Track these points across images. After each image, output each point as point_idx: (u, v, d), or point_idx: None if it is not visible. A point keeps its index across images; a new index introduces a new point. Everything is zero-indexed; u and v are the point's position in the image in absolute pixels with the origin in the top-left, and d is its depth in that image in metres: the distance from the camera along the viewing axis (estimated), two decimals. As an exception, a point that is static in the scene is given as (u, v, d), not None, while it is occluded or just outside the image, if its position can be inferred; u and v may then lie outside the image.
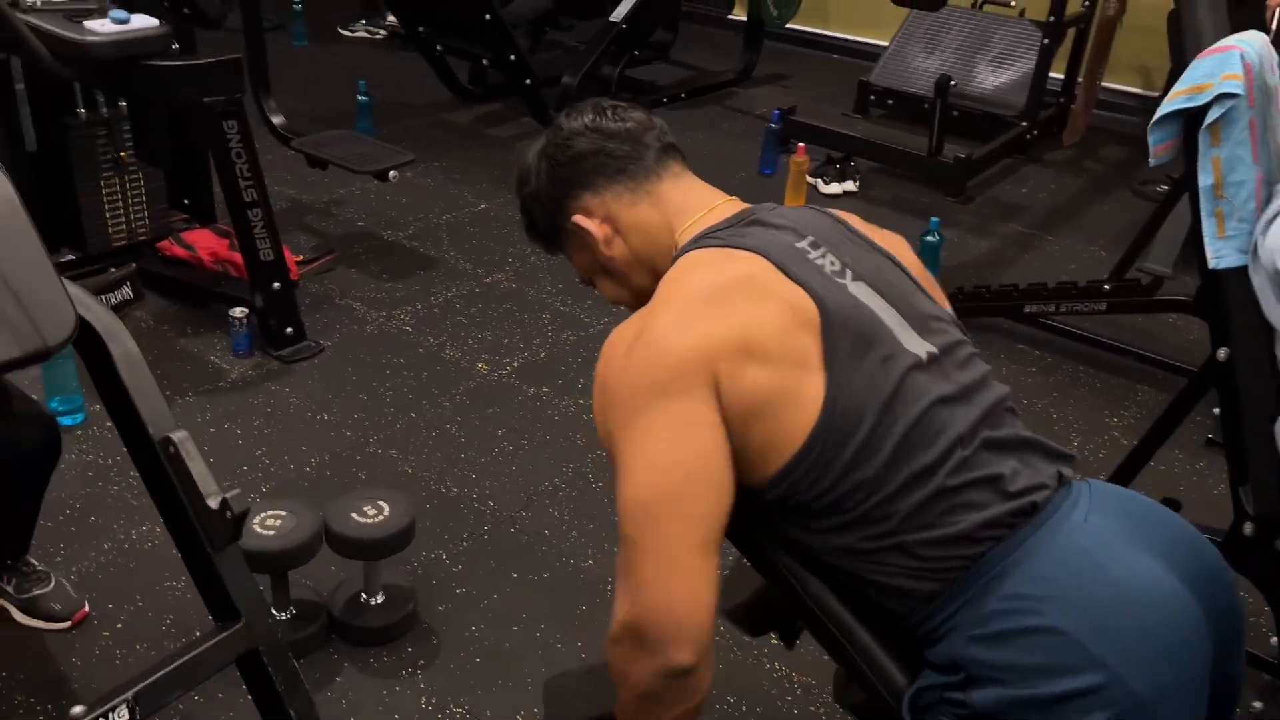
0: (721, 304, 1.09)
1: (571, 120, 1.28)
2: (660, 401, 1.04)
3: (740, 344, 1.06)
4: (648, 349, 1.06)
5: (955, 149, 4.67)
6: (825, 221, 1.26)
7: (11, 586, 1.98)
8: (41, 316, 1.54)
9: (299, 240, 3.56)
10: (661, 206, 1.26)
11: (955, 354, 1.19)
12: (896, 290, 1.20)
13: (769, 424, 1.07)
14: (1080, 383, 3.11)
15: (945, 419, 1.12)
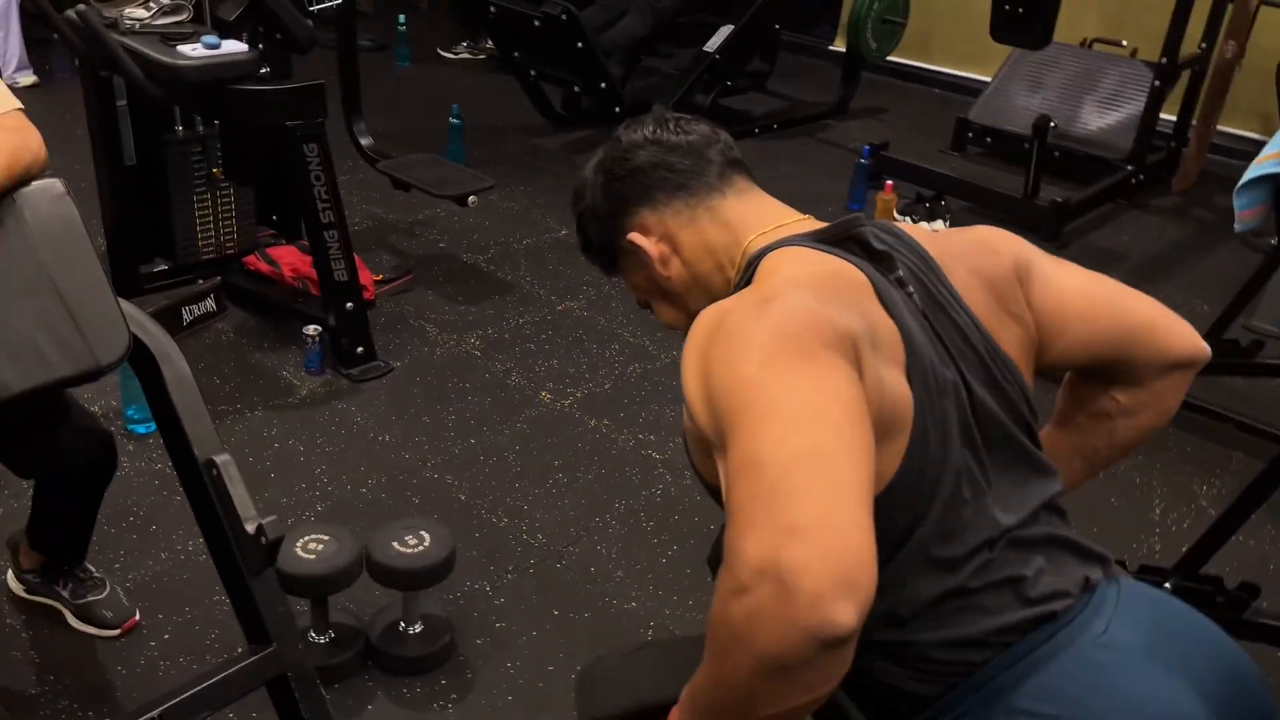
0: (847, 296, 0.98)
1: (631, 132, 1.19)
2: (815, 351, 0.89)
3: (871, 340, 0.95)
4: (792, 311, 0.92)
5: (1054, 191, 4.52)
6: (906, 241, 1.14)
7: (67, 591, 2.04)
8: (96, 336, 1.59)
9: (380, 259, 3.62)
10: (725, 223, 1.16)
11: (1020, 438, 1.10)
12: (974, 363, 1.08)
13: (882, 440, 0.93)
14: (1168, 446, 2.95)
15: (985, 513, 1.04)
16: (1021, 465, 1.10)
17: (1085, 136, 4.73)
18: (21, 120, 1.52)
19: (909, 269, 1.10)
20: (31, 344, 1.51)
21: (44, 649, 2.02)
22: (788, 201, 1.22)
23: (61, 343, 1.55)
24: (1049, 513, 1.11)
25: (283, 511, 2.42)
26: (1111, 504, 2.71)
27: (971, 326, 1.10)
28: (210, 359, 2.98)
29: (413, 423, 2.79)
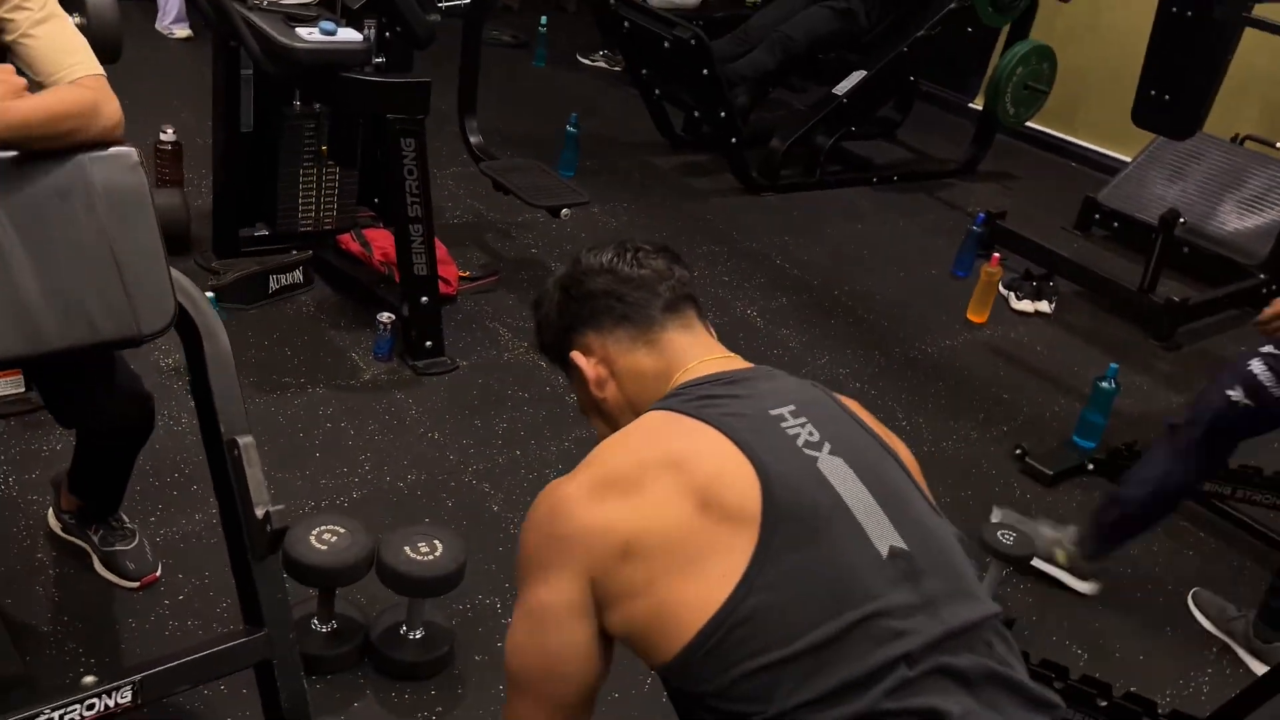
0: (631, 489, 1.07)
1: (592, 256, 1.29)
2: (540, 575, 1.08)
3: (626, 539, 1.04)
4: (549, 511, 1.10)
5: (1175, 289, 4.31)
6: (819, 396, 1.21)
7: (98, 537, 2.11)
8: (144, 305, 1.63)
9: (471, 256, 3.67)
10: (660, 355, 1.24)
11: (933, 558, 1.07)
12: (879, 474, 1.12)
13: (647, 615, 1.03)
14: (1242, 579, 2.78)
15: (894, 628, 1.00)
16: (950, 577, 1.08)
17: (1219, 236, 4.49)
18: (100, 84, 1.57)
19: (803, 400, 1.17)
20: (80, 304, 1.57)
21: (66, 588, 2.09)
22: (894, 258, 1.38)
23: (109, 307, 1.60)
24: (991, 643, 1.06)
25: (318, 493, 2.46)
26: (1167, 633, 2.56)
27: (876, 445, 1.18)
28: (286, 329, 3.06)
29: (464, 424, 2.81)
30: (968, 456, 3.09)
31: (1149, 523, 2.56)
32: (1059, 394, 3.54)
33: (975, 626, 1.05)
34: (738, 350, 1.32)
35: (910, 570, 1.05)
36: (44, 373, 1.86)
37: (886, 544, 1.05)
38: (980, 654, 1.04)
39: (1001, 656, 1.06)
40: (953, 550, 1.12)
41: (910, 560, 1.06)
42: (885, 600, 1.02)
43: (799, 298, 3.87)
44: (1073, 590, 2.62)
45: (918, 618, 1.02)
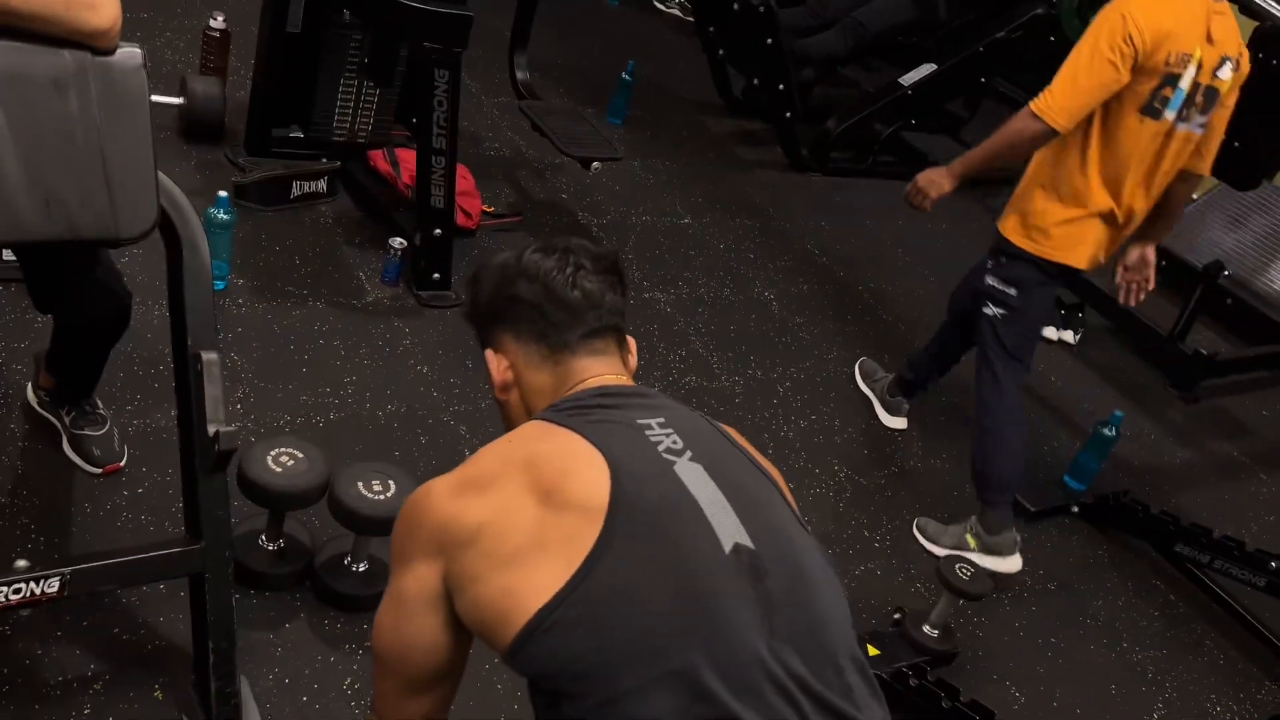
0: (487, 486, 1.11)
1: (532, 260, 1.28)
2: (402, 563, 1.14)
3: (473, 529, 1.08)
4: (414, 505, 1.16)
5: (1209, 340, 4.22)
6: (695, 418, 1.24)
7: (69, 419, 2.15)
8: (125, 209, 1.64)
9: (500, 192, 3.65)
10: (563, 376, 1.26)
11: (779, 559, 1.10)
12: (737, 480, 1.15)
13: (490, 599, 1.07)
14: (1201, 651, 2.74)
15: (724, 623, 1.02)
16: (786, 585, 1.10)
17: (1266, 293, 4.37)
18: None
19: (677, 417, 1.20)
20: (62, 199, 1.57)
21: (30, 462, 2.14)
22: (929, 263, 1.37)
23: (91, 206, 1.60)
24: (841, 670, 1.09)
25: (296, 409, 2.48)
26: (1110, 690, 2.54)
27: (743, 458, 1.22)
28: (300, 237, 3.07)
29: (454, 363, 2.82)
30: (953, 478, 3.06)
31: (1011, 447, 2.65)
32: (1062, 429, 3.48)
33: (812, 640, 1.07)
34: (743, 335, 1.35)
35: (753, 567, 1.08)
36: (26, 256, 1.88)
37: (731, 540, 1.08)
38: (817, 671, 1.06)
39: (843, 682, 1.07)
40: (808, 562, 1.13)
41: (754, 558, 1.08)
42: (722, 593, 1.04)
43: (821, 287, 3.82)
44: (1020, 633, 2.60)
45: (751, 613, 1.05)
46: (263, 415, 2.43)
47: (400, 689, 1.17)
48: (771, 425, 3.02)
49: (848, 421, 3.15)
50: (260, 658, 1.94)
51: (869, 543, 2.72)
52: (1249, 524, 3.29)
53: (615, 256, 1.33)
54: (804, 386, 3.24)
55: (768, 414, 3.06)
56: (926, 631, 2.38)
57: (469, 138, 3.91)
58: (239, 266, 2.84)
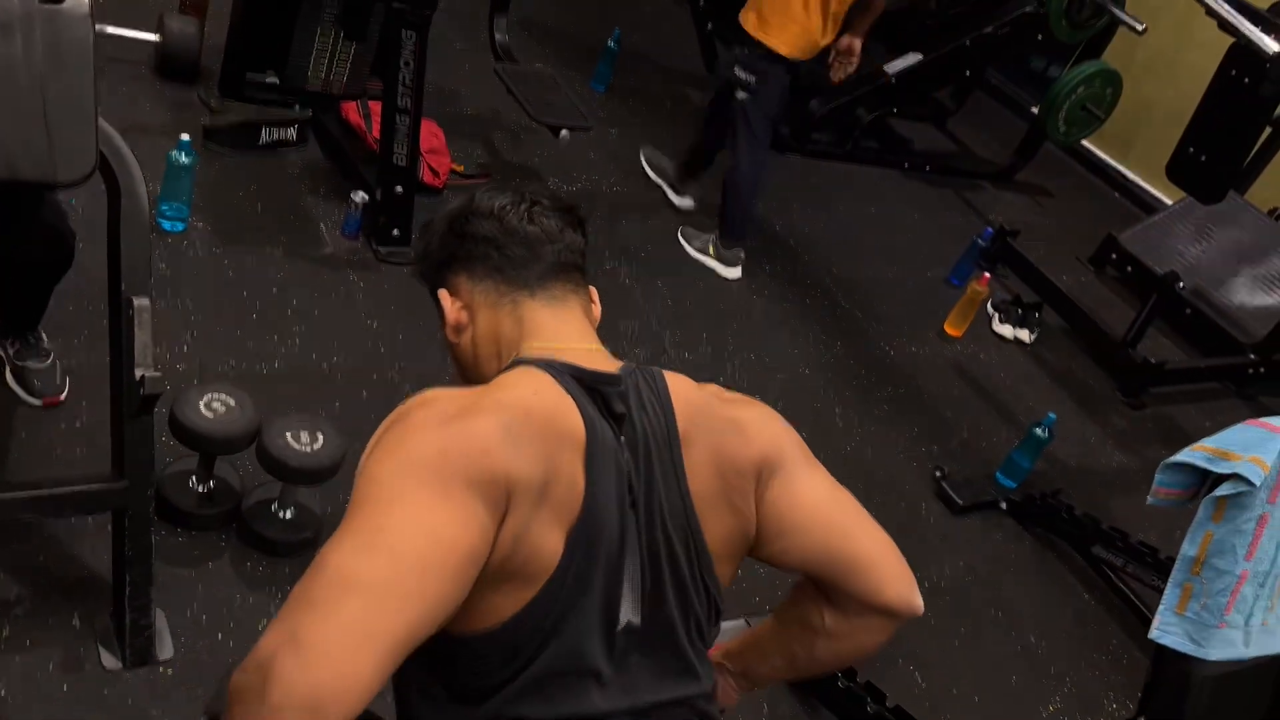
0: (542, 443, 1.01)
1: (486, 198, 1.22)
2: (461, 486, 0.94)
3: (540, 493, 0.99)
4: (473, 435, 0.98)
5: (1163, 347, 4.28)
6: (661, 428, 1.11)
7: (13, 350, 2.20)
8: (64, 154, 1.69)
9: (471, 151, 3.68)
10: (519, 321, 1.17)
11: (659, 639, 1.11)
12: (661, 543, 1.09)
13: (495, 589, 0.99)
14: (1106, 650, 2.84)
15: (580, 693, 1.05)
16: (669, 659, 1.11)
17: (1223, 306, 4.43)
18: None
19: (643, 439, 1.10)
20: (3, 141, 1.62)
21: (-28, 391, 2.20)
22: (896, 250, 1.26)
23: (30, 149, 1.65)
24: (680, 714, 1.11)
25: (241, 354, 2.54)
26: (1010, 681, 2.63)
27: (680, 511, 1.10)
28: (264, 184, 3.11)
29: (405, 320, 2.87)
30: (886, 467, 3.13)
31: (747, 206, 3.63)
32: (1003, 425, 3.55)
33: (666, 705, 1.11)
34: (699, 312, 1.28)
35: (628, 646, 1.08)
36: (-31, 192, 1.93)
37: (625, 618, 1.07)
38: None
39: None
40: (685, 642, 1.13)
41: (634, 637, 1.08)
42: (594, 665, 1.05)
43: (783, 269, 3.87)
44: (931, 621, 2.69)
45: (610, 690, 1.07)
46: (207, 359, 2.49)
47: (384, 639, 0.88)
48: (714, 403, 3.08)
49: (790, 405, 3.20)
50: (181, 594, 2.01)
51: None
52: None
53: (574, 205, 1.25)
54: (751, 368, 3.30)
55: (712, 391, 3.12)
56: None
57: (446, 95, 3.94)
58: (200, 209, 2.88)
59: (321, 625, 0.86)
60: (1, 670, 1.77)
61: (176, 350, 2.47)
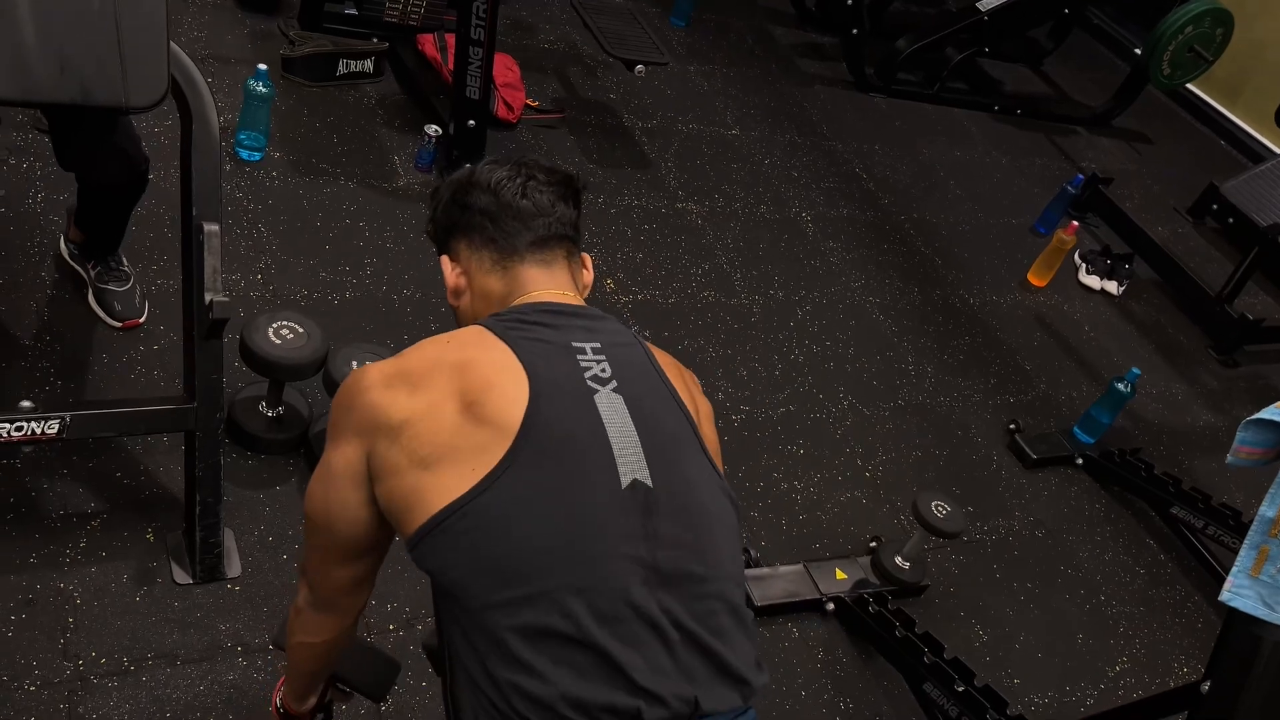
0: (417, 383, 1.15)
1: (486, 172, 1.31)
2: (336, 438, 1.19)
3: (397, 424, 1.14)
4: (353, 385, 1.19)
5: (1262, 304, 4.10)
6: (630, 343, 1.25)
7: (94, 273, 2.26)
8: (136, 79, 1.71)
9: (547, 86, 3.65)
10: (510, 282, 1.28)
11: (675, 502, 1.13)
12: (655, 418, 1.18)
13: (400, 494, 1.13)
14: (1180, 613, 2.76)
15: (604, 552, 1.07)
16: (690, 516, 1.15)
17: (1331, 262, 4.20)
18: None
19: (613, 344, 1.22)
20: (75, 65, 1.64)
21: (56, 310, 2.27)
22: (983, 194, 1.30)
23: (103, 73, 1.68)
24: (711, 602, 1.12)
25: (313, 284, 2.57)
26: (1076, 640, 2.58)
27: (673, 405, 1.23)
28: (340, 116, 3.12)
29: (476, 254, 2.87)
30: (959, 417, 3.07)
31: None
32: (1084, 380, 3.45)
33: (693, 579, 1.11)
34: (771, 254, 1.33)
35: (645, 504, 1.11)
36: (49, 114, 1.97)
37: (631, 476, 1.12)
38: (689, 607, 1.10)
39: (713, 622, 1.11)
40: (706, 505, 1.17)
41: (649, 495, 1.12)
42: (607, 525, 1.09)
43: (861, 213, 3.78)
44: (997, 575, 2.64)
45: (634, 547, 1.09)
46: (280, 287, 2.53)
47: (326, 555, 1.23)
48: (783, 348, 3.04)
49: (861, 351, 3.15)
50: (250, 515, 2.07)
51: (860, 471, 2.76)
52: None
53: (572, 175, 1.35)
54: (824, 312, 3.24)
55: (781, 335, 3.08)
56: (898, 562, 2.43)
57: (524, 28, 3.91)
58: (277, 140, 2.91)
59: (305, 554, 1.28)
60: (77, 578, 1.85)
61: (251, 278, 2.52)
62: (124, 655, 1.78)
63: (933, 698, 2.12)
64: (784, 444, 2.73)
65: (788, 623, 2.31)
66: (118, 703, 1.72)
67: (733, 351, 2.94)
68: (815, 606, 2.34)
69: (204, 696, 1.77)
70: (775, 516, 2.53)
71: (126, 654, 1.78)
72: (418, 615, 2.01)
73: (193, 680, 1.79)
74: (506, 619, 1.06)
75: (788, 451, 2.72)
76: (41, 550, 1.86)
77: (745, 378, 2.88)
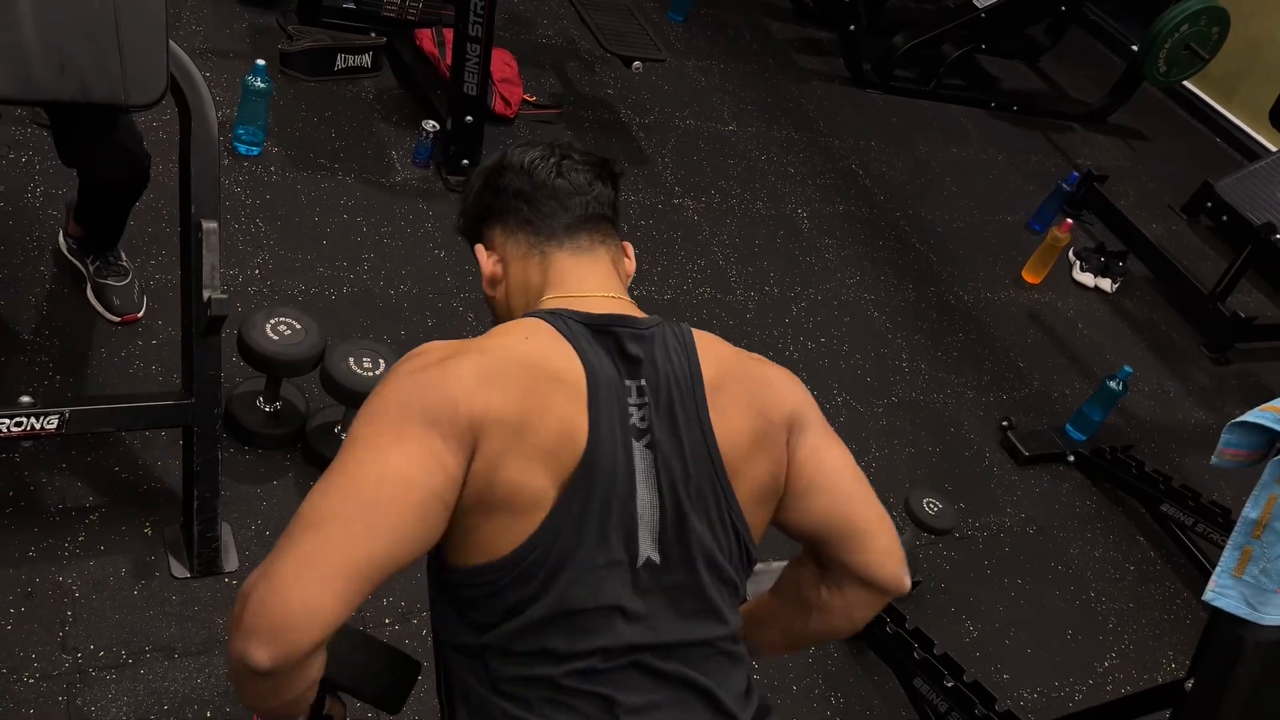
0: (525, 384, 1.05)
1: (518, 153, 1.27)
2: (420, 427, 0.99)
3: (516, 429, 1.02)
4: (441, 378, 1.03)
5: (1255, 303, 4.12)
6: (674, 365, 1.13)
7: (93, 268, 2.27)
8: (135, 77, 1.72)
9: (545, 81, 3.66)
10: (545, 271, 1.22)
11: (682, 576, 1.10)
12: (680, 480, 1.09)
13: (488, 521, 1.03)
14: (1168, 610, 2.78)
15: (605, 626, 1.06)
16: (692, 599, 1.11)
17: (1323, 261, 4.22)
18: None
19: (664, 381, 1.11)
20: (75, 63, 1.65)
21: (55, 305, 2.28)
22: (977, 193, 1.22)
23: (103, 71, 1.69)
24: (704, 654, 1.11)
25: (310, 279, 2.59)
26: (1066, 635, 2.60)
27: (703, 451, 1.11)
28: (338, 111, 3.13)
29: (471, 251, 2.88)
30: (952, 414, 3.09)
31: None
32: (1076, 377, 3.47)
33: (691, 645, 1.10)
34: (767, 251, 1.27)
35: (652, 584, 1.08)
36: (52, 112, 1.98)
37: (645, 554, 1.07)
38: (686, 663, 1.09)
39: (711, 668, 1.11)
40: (709, 580, 1.12)
41: (656, 574, 1.08)
42: (614, 601, 1.06)
43: (857, 209, 3.80)
44: (988, 571, 2.66)
45: (633, 625, 1.07)
46: (278, 283, 2.54)
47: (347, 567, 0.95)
48: (779, 344, 3.06)
49: (855, 348, 3.17)
50: (246, 509, 2.09)
51: (853, 468, 2.77)
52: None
53: (609, 160, 1.29)
54: (819, 308, 3.26)
55: (777, 332, 3.10)
56: (889, 559, 2.45)
57: (522, 22, 3.92)
58: (275, 135, 2.92)
59: (285, 559, 0.95)
60: (75, 571, 1.86)
61: (249, 272, 2.53)
62: (122, 648, 1.80)
63: (922, 693, 2.14)
64: (778, 440, 2.75)
65: (780, 618, 2.33)
66: (116, 695, 1.74)
67: (728, 348, 2.96)
68: (807, 602, 2.36)
69: (201, 689, 1.79)
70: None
71: (125, 647, 1.80)
72: (413, 609, 2.03)
73: (190, 673, 1.80)
74: (509, 664, 1.06)
75: (781, 448, 2.74)
76: (40, 544, 1.88)
77: (740, 374, 2.90)
